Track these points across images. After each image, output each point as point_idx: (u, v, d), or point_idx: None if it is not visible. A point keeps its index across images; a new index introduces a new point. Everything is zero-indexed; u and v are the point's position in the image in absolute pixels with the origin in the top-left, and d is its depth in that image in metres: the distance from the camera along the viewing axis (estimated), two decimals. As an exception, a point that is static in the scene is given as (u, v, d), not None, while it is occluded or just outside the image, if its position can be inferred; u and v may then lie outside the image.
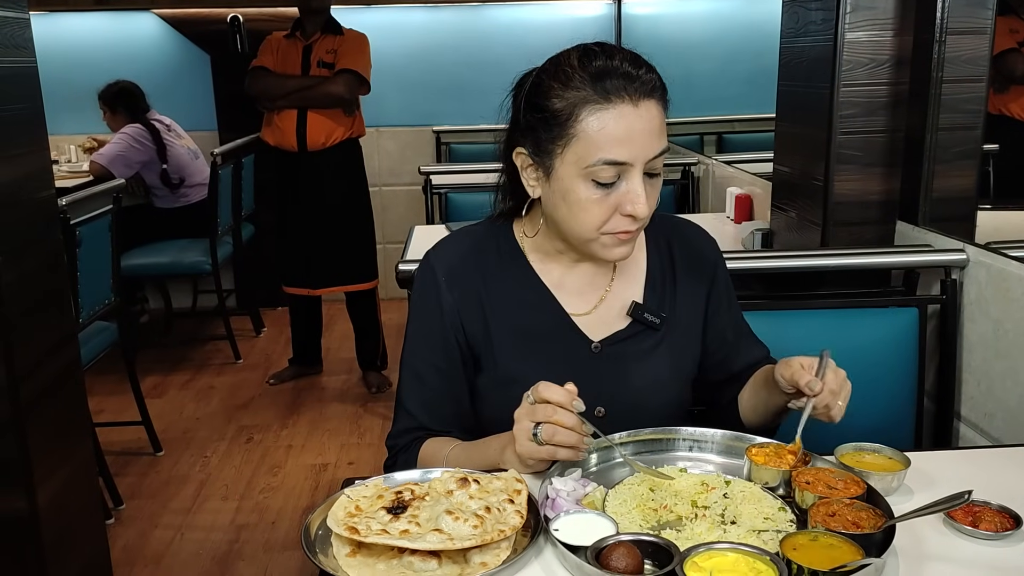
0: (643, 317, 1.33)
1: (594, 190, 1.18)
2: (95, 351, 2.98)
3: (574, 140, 1.18)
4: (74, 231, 2.76)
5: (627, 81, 1.16)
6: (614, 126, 1.16)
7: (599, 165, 1.17)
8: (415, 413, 1.33)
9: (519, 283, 1.33)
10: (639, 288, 1.36)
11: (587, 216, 1.20)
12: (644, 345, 1.33)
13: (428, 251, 1.38)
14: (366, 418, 3.70)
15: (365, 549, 1.00)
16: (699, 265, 1.40)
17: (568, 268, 1.34)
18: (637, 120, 1.16)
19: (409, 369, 1.34)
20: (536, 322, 1.32)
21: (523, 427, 1.12)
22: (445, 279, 1.32)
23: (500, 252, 1.35)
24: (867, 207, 2.11)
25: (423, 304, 1.34)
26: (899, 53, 2.02)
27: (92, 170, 4.19)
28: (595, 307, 1.34)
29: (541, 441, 1.10)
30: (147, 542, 2.78)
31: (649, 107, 1.17)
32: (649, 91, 1.17)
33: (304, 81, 3.64)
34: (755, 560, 0.94)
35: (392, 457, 1.34)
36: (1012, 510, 1.07)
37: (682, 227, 1.43)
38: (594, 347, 1.32)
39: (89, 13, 4.98)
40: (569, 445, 1.10)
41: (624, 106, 1.16)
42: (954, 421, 1.94)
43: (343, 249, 3.85)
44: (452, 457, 1.25)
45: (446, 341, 1.31)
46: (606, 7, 5.10)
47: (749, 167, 3.18)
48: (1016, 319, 1.73)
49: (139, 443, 3.39)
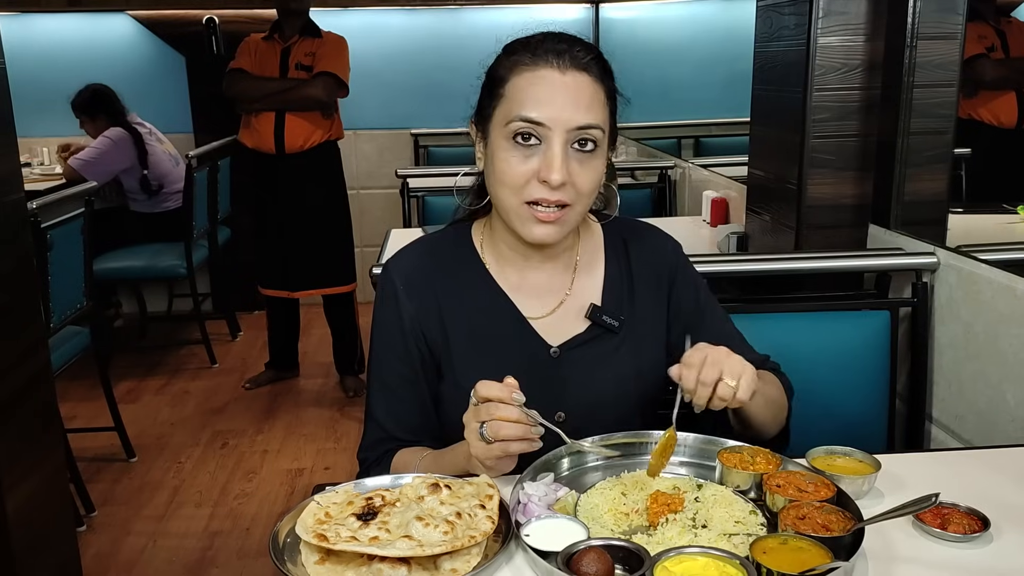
0: (601, 320, 1.32)
1: (514, 149, 1.20)
2: (67, 356, 2.95)
3: (503, 100, 1.22)
4: (45, 234, 2.73)
5: (559, 52, 1.20)
6: (535, 86, 1.19)
7: (516, 121, 1.19)
8: (384, 423, 1.32)
9: (476, 288, 1.33)
10: (598, 290, 1.35)
11: (507, 178, 1.21)
12: (604, 348, 1.32)
13: (387, 260, 1.37)
14: (343, 422, 3.68)
15: (334, 556, 0.99)
16: (657, 267, 1.38)
17: (525, 271, 1.33)
18: (561, 85, 1.19)
19: (376, 380, 1.34)
20: (493, 327, 1.31)
21: (471, 429, 1.11)
22: (403, 288, 1.32)
23: (457, 258, 1.35)
24: (840, 211, 2.12)
25: (384, 315, 1.33)
26: (871, 58, 2.04)
27: (66, 174, 4.13)
28: (553, 310, 1.33)
29: (489, 440, 1.08)
30: (119, 549, 2.74)
31: (577, 77, 1.20)
32: (581, 64, 1.20)
33: (282, 84, 3.63)
34: (725, 564, 0.94)
35: (364, 471, 1.33)
36: (980, 512, 1.08)
37: (639, 229, 1.42)
38: (552, 352, 1.31)
39: (61, 14, 4.92)
40: (518, 438, 1.09)
41: (550, 71, 1.20)
42: (926, 423, 1.96)
43: (321, 252, 3.83)
44: (423, 467, 1.24)
45: (408, 350, 1.31)
46: (584, 11, 5.12)
47: (725, 171, 3.19)
48: (986, 322, 1.75)
49: (112, 449, 3.35)
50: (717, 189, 3.08)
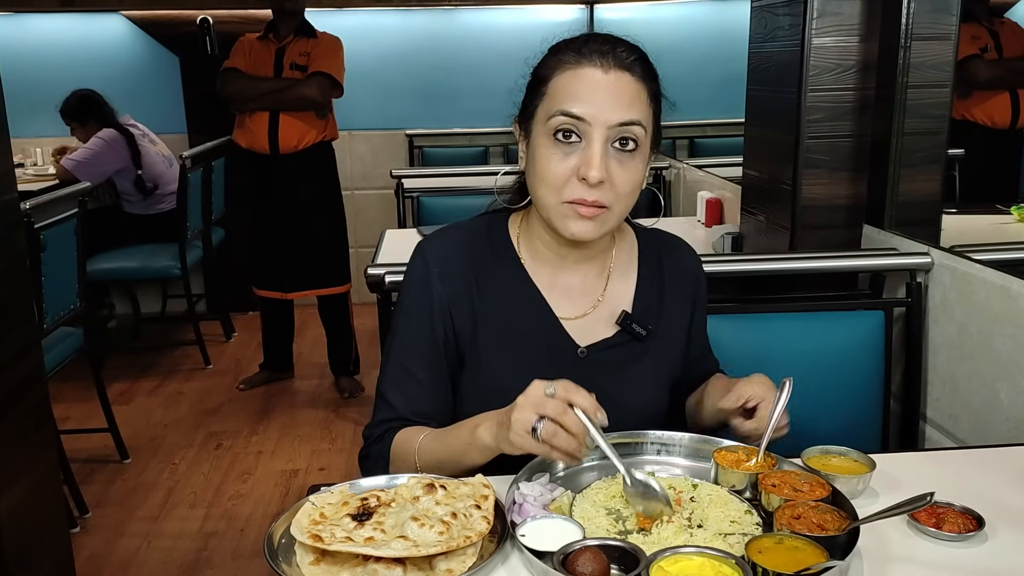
0: (631, 327, 1.32)
1: (554, 146, 1.20)
2: (60, 357, 2.94)
3: (545, 97, 1.22)
4: (38, 235, 2.71)
5: (604, 50, 1.20)
6: (577, 83, 1.20)
7: (558, 116, 1.19)
8: (395, 404, 1.31)
9: (511, 282, 1.32)
10: (630, 298, 1.36)
11: (547, 176, 1.20)
12: (629, 355, 1.33)
13: (421, 241, 1.36)
14: (338, 423, 3.67)
15: (329, 557, 0.99)
16: (686, 281, 1.41)
17: (559, 271, 1.34)
18: (603, 82, 1.19)
19: (394, 358, 1.32)
20: (525, 323, 1.31)
21: (524, 417, 1.06)
22: (438, 271, 1.31)
23: (494, 250, 1.34)
24: (834, 211, 2.13)
25: (413, 294, 1.32)
26: (865, 58, 2.04)
27: (58, 174, 4.11)
28: (585, 313, 1.33)
29: (540, 438, 1.05)
30: (113, 551, 2.73)
31: (620, 76, 1.20)
32: (625, 64, 1.20)
33: (277, 84, 3.62)
34: (721, 563, 0.94)
35: (367, 447, 1.33)
36: (975, 512, 1.08)
37: (673, 244, 1.44)
38: (580, 352, 1.32)
39: (55, 14, 4.90)
40: (567, 451, 1.06)
41: (593, 69, 1.20)
42: (920, 423, 1.96)
43: (315, 253, 3.82)
44: (424, 444, 1.23)
45: (434, 333, 1.30)
46: (579, 11, 5.12)
47: (720, 171, 3.20)
48: (980, 321, 1.75)
49: (106, 450, 3.34)
50: (712, 190, 3.08)
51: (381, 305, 1.91)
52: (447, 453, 1.20)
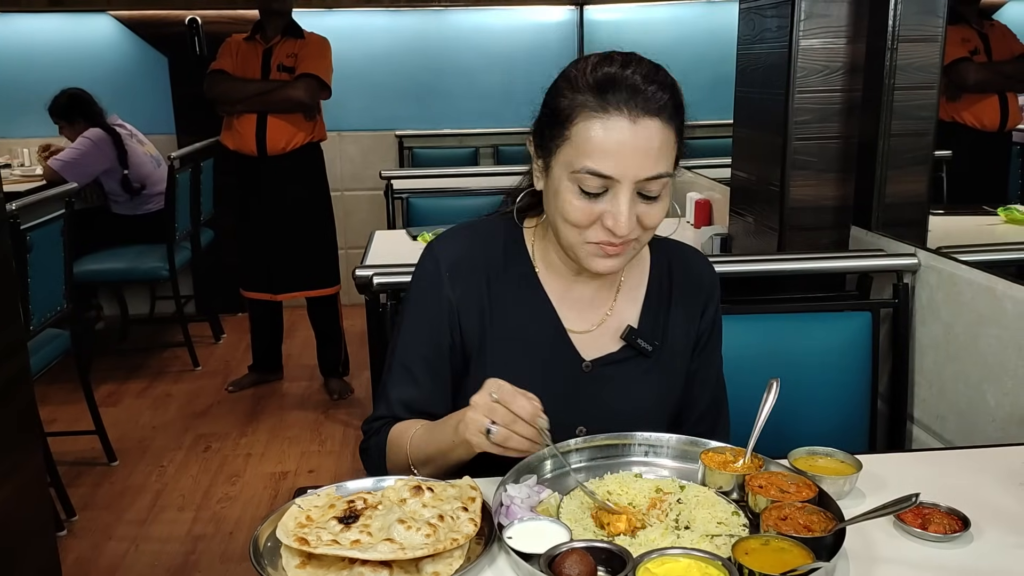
0: (636, 343, 1.31)
1: (579, 196, 1.16)
2: (47, 359, 2.92)
3: (567, 142, 1.16)
4: (24, 236, 2.70)
5: (630, 95, 1.12)
6: (604, 137, 1.12)
7: (584, 173, 1.14)
8: (395, 403, 1.31)
9: (522, 289, 1.31)
10: (636, 313, 1.34)
11: (569, 219, 1.18)
12: (634, 370, 1.32)
13: (432, 241, 1.34)
14: (327, 425, 3.66)
15: (315, 560, 0.98)
16: (695, 295, 1.38)
17: (571, 283, 1.32)
18: (631, 137, 1.12)
19: (399, 359, 1.32)
20: (532, 332, 1.30)
21: (477, 420, 1.09)
22: (449, 273, 1.29)
23: (508, 256, 1.32)
24: (822, 212, 2.13)
25: (422, 296, 1.31)
26: (852, 60, 2.05)
27: (46, 175, 4.09)
28: (593, 327, 1.32)
29: (494, 441, 1.08)
30: (100, 554, 2.72)
31: (649, 126, 1.13)
32: (654, 109, 1.13)
33: (264, 85, 3.60)
34: (707, 565, 0.94)
35: (366, 440, 1.33)
36: (960, 512, 1.08)
37: (685, 253, 1.41)
38: (585, 366, 1.31)
39: (43, 14, 4.87)
40: (521, 452, 1.09)
41: (620, 120, 1.12)
42: (907, 423, 1.97)
43: (304, 254, 3.81)
44: (416, 436, 1.23)
45: (440, 337, 1.29)
46: (569, 13, 5.12)
47: (709, 172, 3.20)
48: (966, 322, 1.76)
49: (93, 453, 3.32)
50: (701, 191, 3.09)
51: (370, 306, 1.91)
52: (435, 447, 1.21)
